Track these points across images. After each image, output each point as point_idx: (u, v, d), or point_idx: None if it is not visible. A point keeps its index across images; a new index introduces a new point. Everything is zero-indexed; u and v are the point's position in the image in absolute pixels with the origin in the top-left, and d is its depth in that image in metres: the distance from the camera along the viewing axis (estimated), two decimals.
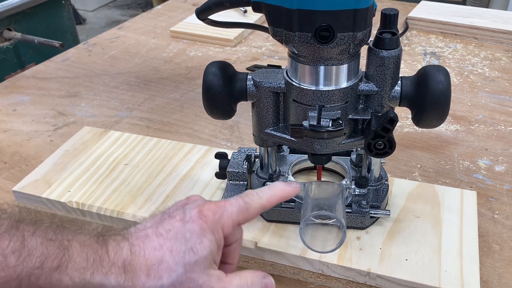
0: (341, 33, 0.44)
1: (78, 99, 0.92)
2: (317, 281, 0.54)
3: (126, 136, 0.73)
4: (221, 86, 0.51)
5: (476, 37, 1.08)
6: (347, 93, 0.49)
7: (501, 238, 0.59)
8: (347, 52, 0.46)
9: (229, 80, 0.52)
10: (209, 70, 0.51)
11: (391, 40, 0.47)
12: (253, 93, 0.52)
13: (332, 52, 0.46)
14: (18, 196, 0.63)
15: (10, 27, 1.49)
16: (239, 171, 0.60)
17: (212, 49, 1.09)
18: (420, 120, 0.50)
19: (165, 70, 1.01)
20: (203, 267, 0.40)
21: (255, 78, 0.52)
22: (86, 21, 3.76)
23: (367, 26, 0.45)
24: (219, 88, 0.51)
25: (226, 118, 0.54)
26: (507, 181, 0.68)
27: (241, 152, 0.63)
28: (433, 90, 0.47)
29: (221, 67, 0.52)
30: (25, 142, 0.80)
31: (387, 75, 0.48)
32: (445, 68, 0.49)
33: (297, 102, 0.50)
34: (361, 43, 0.46)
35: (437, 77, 0.48)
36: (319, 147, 0.51)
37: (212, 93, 0.51)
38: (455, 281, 0.49)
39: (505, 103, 0.86)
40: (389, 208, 0.58)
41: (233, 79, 0.52)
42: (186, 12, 1.29)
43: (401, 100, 0.50)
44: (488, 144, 0.76)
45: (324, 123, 0.48)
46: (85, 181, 0.64)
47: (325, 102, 0.48)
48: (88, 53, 1.10)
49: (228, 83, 0.51)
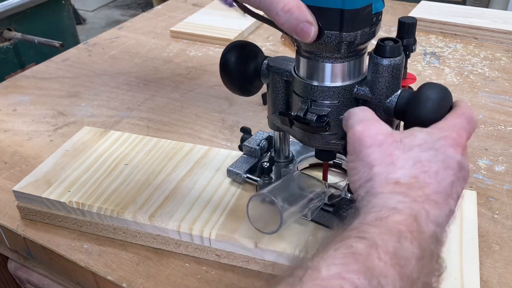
0: (328, 31, 0.44)
1: (78, 99, 0.92)
2: None
3: (126, 136, 0.73)
4: (234, 63, 0.54)
5: (476, 37, 1.08)
6: (339, 93, 0.49)
7: (501, 238, 0.59)
8: (338, 51, 0.46)
9: (246, 59, 0.54)
10: (228, 47, 0.55)
11: (385, 48, 0.46)
12: (265, 76, 0.54)
13: (321, 49, 0.46)
14: (18, 196, 0.63)
15: (10, 27, 1.48)
16: (253, 147, 0.63)
17: (212, 49, 1.09)
18: None
19: (165, 70, 1.01)
20: None
21: (270, 62, 0.54)
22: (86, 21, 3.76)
23: (358, 28, 0.45)
24: (232, 65, 0.54)
25: (245, 95, 0.57)
26: (507, 181, 0.68)
27: (265, 133, 0.66)
28: (421, 110, 0.45)
29: (242, 45, 0.55)
30: (25, 142, 0.80)
31: (381, 83, 0.47)
32: (440, 86, 0.46)
33: (294, 92, 0.51)
34: (353, 45, 0.45)
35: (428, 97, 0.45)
36: (307, 139, 0.52)
37: (226, 70, 0.54)
38: (455, 281, 0.49)
39: (505, 103, 0.86)
40: None
41: (250, 59, 0.55)
42: (186, 12, 1.29)
43: (395, 113, 0.48)
44: (488, 144, 0.76)
45: (310, 117, 0.49)
46: (85, 181, 0.64)
47: (316, 97, 0.49)
48: (88, 53, 1.10)
49: (244, 62, 0.54)
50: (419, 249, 0.35)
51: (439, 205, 0.38)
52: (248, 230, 0.56)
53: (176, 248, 0.58)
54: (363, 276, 0.31)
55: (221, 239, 0.55)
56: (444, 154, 0.40)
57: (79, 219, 0.61)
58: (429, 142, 0.41)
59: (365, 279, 0.31)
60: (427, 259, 0.35)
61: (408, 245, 0.34)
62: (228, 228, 0.56)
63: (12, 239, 0.65)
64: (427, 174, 0.39)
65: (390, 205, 0.37)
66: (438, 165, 0.40)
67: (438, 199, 0.38)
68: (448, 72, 0.96)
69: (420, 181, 0.39)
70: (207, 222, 0.57)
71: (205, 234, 0.56)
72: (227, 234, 0.55)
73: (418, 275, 0.34)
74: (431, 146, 0.41)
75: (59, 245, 0.60)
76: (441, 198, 0.39)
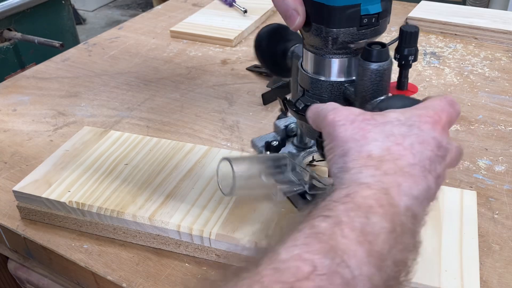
0: (315, 23, 0.46)
1: (78, 99, 0.92)
2: None
3: (126, 136, 0.73)
4: (264, 41, 0.60)
5: (476, 37, 1.08)
6: (326, 88, 0.50)
7: (501, 238, 0.59)
8: (325, 46, 0.47)
9: (277, 40, 0.59)
10: (264, 29, 0.60)
11: (370, 52, 0.46)
12: (289, 60, 0.58)
13: (310, 40, 0.48)
14: (18, 196, 0.63)
15: (10, 27, 1.49)
16: (279, 125, 0.64)
17: (212, 49, 1.09)
18: None
19: (165, 70, 1.01)
20: None
21: (295, 49, 0.57)
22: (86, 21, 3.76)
23: (341, 26, 0.45)
24: (263, 42, 0.60)
25: (276, 74, 0.64)
26: (507, 181, 0.68)
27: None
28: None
29: (276, 28, 0.59)
30: (25, 142, 0.80)
31: (365, 86, 0.47)
32: (410, 100, 0.46)
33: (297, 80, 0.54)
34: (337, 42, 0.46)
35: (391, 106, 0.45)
36: (305, 129, 0.55)
37: (257, 49, 0.60)
38: (455, 281, 0.49)
39: (505, 103, 0.86)
40: None
41: (281, 41, 0.58)
42: (186, 12, 1.29)
43: None
44: (488, 144, 0.76)
45: (298, 104, 0.52)
46: (85, 181, 0.64)
47: (307, 87, 0.51)
48: (88, 53, 1.10)
49: (274, 42, 0.59)
50: (389, 223, 0.34)
51: (414, 178, 0.37)
52: (248, 230, 0.56)
53: (176, 248, 0.58)
54: (324, 255, 0.30)
55: (221, 239, 0.55)
56: (419, 129, 0.39)
57: (79, 219, 0.61)
58: (402, 120, 0.40)
59: (327, 258, 0.30)
60: (399, 233, 0.34)
61: (377, 220, 0.33)
62: (228, 228, 0.56)
63: (12, 239, 0.65)
64: (400, 146, 0.38)
65: (360, 180, 0.37)
66: (412, 139, 0.39)
67: (412, 171, 0.37)
68: (448, 72, 0.96)
69: (393, 153, 0.38)
70: (207, 222, 0.57)
71: (205, 234, 0.56)
72: (227, 234, 0.55)
73: (389, 249, 0.33)
74: (403, 123, 0.40)
75: (59, 245, 0.60)
76: (417, 171, 0.37)
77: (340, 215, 0.33)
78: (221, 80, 0.96)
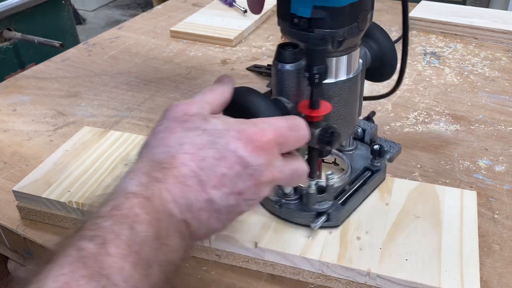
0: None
1: (78, 99, 0.92)
2: (317, 281, 0.54)
3: (126, 136, 0.73)
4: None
5: (476, 37, 1.08)
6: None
7: (501, 238, 0.59)
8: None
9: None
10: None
11: (278, 52, 0.46)
12: None
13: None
14: (18, 196, 0.63)
15: (10, 27, 1.49)
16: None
17: (212, 49, 1.09)
18: None
19: (165, 70, 1.01)
20: None
21: None
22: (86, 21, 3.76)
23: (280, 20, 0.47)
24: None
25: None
26: (507, 181, 0.68)
27: None
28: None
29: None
30: (25, 142, 0.80)
31: (273, 83, 0.48)
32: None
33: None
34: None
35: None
36: None
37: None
38: (455, 281, 0.49)
39: (505, 103, 0.86)
40: (389, 207, 0.58)
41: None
42: (186, 12, 1.29)
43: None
44: (488, 144, 0.76)
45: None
46: (85, 181, 0.64)
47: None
48: (88, 53, 1.10)
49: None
50: (154, 229, 0.35)
51: (189, 188, 0.38)
52: (248, 230, 0.56)
53: None
54: (89, 280, 0.31)
55: (221, 239, 0.55)
56: (225, 144, 0.39)
57: (79, 219, 0.61)
58: (217, 129, 0.40)
59: (92, 282, 0.31)
60: (164, 237, 0.36)
61: (142, 228, 0.34)
62: (228, 228, 0.56)
63: (12, 239, 0.65)
64: (189, 156, 0.38)
65: (127, 189, 0.37)
66: (209, 152, 0.39)
67: (188, 182, 0.38)
68: (448, 72, 0.96)
69: (176, 161, 0.38)
70: None
71: None
72: (227, 234, 0.55)
73: (155, 254, 0.34)
74: (212, 134, 0.40)
75: None
76: (193, 182, 0.38)
77: (106, 233, 0.34)
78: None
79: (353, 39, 0.47)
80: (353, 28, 0.46)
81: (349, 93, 0.52)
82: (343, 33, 0.45)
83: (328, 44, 0.46)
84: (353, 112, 0.54)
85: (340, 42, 0.46)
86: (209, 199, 0.39)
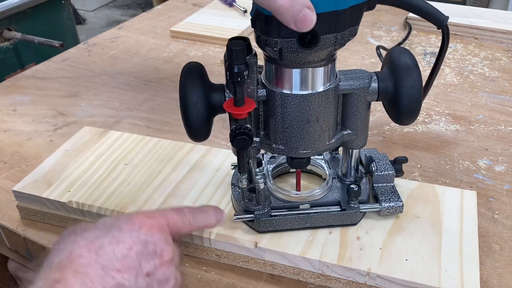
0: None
1: (78, 99, 0.92)
2: (317, 281, 0.54)
3: (126, 136, 0.73)
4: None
5: (476, 37, 1.08)
6: None
7: (501, 238, 0.59)
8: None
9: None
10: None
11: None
12: None
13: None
14: (18, 196, 0.63)
15: (10, 27, 1.49)
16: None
17: (212, 49, 1.09)
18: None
19: (165, 70, 1.01)
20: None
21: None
22: (86, 21, 3.76)
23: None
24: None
25: None
26: (507, 181, 0.68)
27: None
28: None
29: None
30: (25, 142, 0.80)
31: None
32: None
33: None
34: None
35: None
36: None
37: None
38: (455, 281, 0.49)
39: (505, 103, 0.86)
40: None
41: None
42: (186, 12, 1.29)
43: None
44: (488, 144, 0.76)
45: None
46: (85, 181, 0.64)
47: None
48: (88, 53, 1.10)
49: None
50: None
51: (91, 275, 0.39)
52: (248, 230, 0.56)
53: None
54: None
55: (221, 239, 0.55)
56: (118, 230, 0.43)
57: (79, 219, 0.61)
58: (105, 224, 0.44)
59: None
60: None
61: None
62: (228, 228, 0.56)
63: (12, 239, 0.65)
64: (85, 249, 0.41)
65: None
66: (104, 240, 0.41)
67: (88, 270, 0.39)
68: (448, 72, 0.96)
69: (73, 256, 0.40)
70: None
71: (205, 234, 0.56)
72: (227, 234, 0.55)
73: None
74: (104, 226, 0.44)
75: None
76: (94, 270, 0.40)
77: None
78: (221, 80, 0.95)
79: (291, 54, 0.45)
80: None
81: (300, 110, 0.49)
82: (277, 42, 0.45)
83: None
84: (310, 132, 0.50)
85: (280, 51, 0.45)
86: (119, 284, 0.40)
